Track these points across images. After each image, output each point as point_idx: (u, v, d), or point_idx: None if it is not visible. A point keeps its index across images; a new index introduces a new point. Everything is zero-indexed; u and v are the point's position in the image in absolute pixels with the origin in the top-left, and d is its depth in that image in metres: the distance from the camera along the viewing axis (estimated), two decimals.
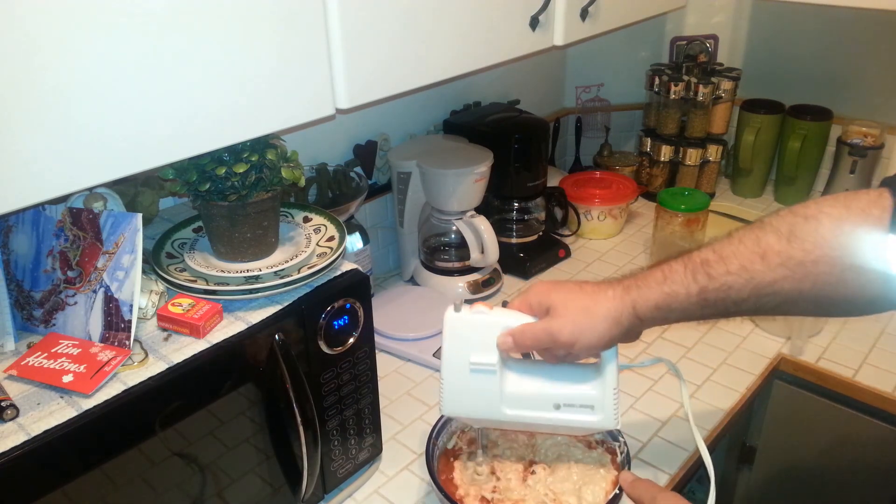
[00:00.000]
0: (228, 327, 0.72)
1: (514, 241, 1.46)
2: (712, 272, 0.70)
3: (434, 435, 0.89)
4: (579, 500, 0.82)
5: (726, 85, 1.63)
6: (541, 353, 0.79)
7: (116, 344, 0.68)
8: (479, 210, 1.32)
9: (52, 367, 0.65)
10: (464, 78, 1.40)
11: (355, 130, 1.31)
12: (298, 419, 0.76)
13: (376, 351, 0.88)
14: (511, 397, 0.79)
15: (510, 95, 1.61)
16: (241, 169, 0.74)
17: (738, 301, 0.69)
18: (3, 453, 0.56)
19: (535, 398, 0.80)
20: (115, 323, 0.68)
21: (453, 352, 0.79)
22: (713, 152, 1.69)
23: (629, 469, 0.83)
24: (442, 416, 0.90)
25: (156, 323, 0.73)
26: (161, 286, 0.76)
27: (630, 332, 0.75)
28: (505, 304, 0.81)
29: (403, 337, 1.19)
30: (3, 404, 0.59)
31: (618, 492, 0.81)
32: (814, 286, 0.66)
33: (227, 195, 0.75)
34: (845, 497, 1.24)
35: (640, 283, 0.73)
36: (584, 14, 1.05)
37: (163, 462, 0.67)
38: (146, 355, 0.68)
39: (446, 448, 0.90)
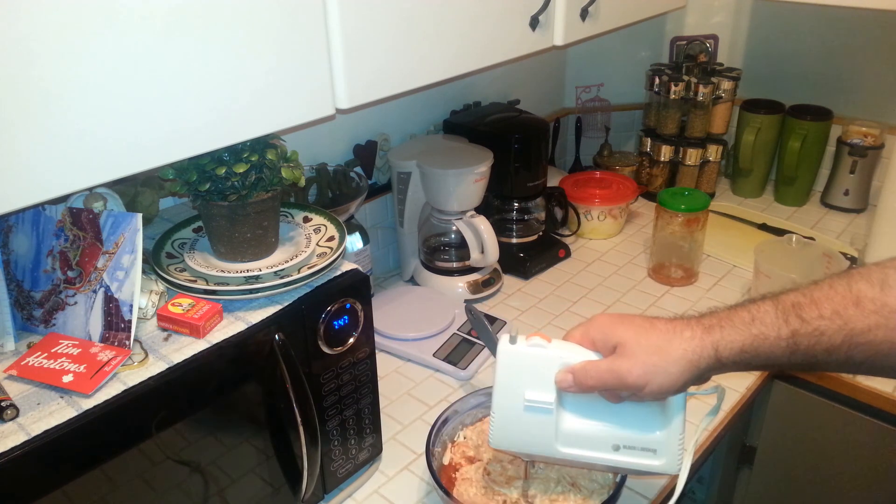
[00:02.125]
0: (228, 327, 0.72)
1: (514, 241, 1.46)
2: (805, 315, 0.66)
3: (431, 442, 0.88)
4: (591, 482, 0.82)
5: (726, 85, 1.63)
6: (602, 391, 0.73)
7: (116, 344, 0.68)
8: (479, 210, 1.32)
9: (52, 367, 0.65)
10: (464, 78, 1.40)
11: (355, 130, 1.31)
12: (298, 419, 0.76)
13: (376, 351, 0.88)
14: (567, 436, 0.74)
15: (510, 95, 1.61)
16: (241, 169, 0.74)
17: (830, 349, 0.65)
18: (3, 453, 0.56)
19: (592, 438, 0.74)
20: (115, 323, 0.68)
21: (507, 385, 0.73)
22: (713, 152, 1.69)
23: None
24: (438, 419, 0.90)
25: (156, 323, 0.73)
26: (161, 286, 0.76)
27: (704, 375, 0.70)
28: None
29: (403, 337, 1.19)
30: (3, 404, 0.59)
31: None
32: None
33: (227, 195, 0.75)
34: (845, 497, 1.24)
35: (723, 322, 0.68)
36: (584, 14, 1.05)
37: (163, 462, 0.67)
38: (146, 355, 0.68)
39: (443, 465, 0.88)
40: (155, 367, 0.66)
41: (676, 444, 0.73)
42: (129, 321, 0.68)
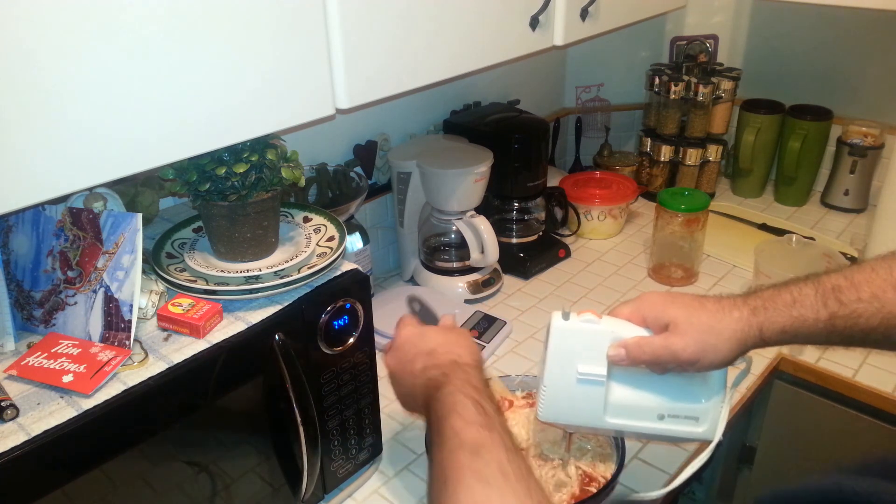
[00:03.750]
0: (228, 327, 0.72)
1: (514, 241, 1.46)
2: (843, 298, 0.69)
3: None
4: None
5: (726, 85, 1.63)
6: (650, 365, 0.76)
7: (116, 344, 0.68)
8: (479, 210, 1.32)
9: (52, 367, 0.65)
10: (464, 78, 1.40)
11: (355, 130, 1.31)
12: (298, 419, 0.76)
13: (376, 351, 0.88)
14: (615, 407, 0.78)
15: (510, 95, 1.61)
16: (241, 169, 0.74)
17: (867, 330, 0.69)
18: (3, 453, 0.56)
19: (639, 409, 0.78)
20: (115, 323, 0.68)
21: (559, 360, 0.76)
22: (713, 152, 1.69)
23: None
24: None
25: (156, 323, 0.73)
26: (161, 286, 0.76)
27: (747, 350, 0.74)
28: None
29: None
30: (3, 404, 0.59)
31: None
32: None
33: (227, 195, 0.75)
34: (845, 497, 1.24)
35: (767, 305, 0.72)
36: (584, 14, 1.05)
37: (163, 462, 0.67)
38: (146, 355, 0.68)
39: None
40: (155, 367, 0.66)
41: (718, 411, 0.77)
42: (129, 321, 0.68)
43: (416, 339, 0.80)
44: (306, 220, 0.89)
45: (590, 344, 0.75)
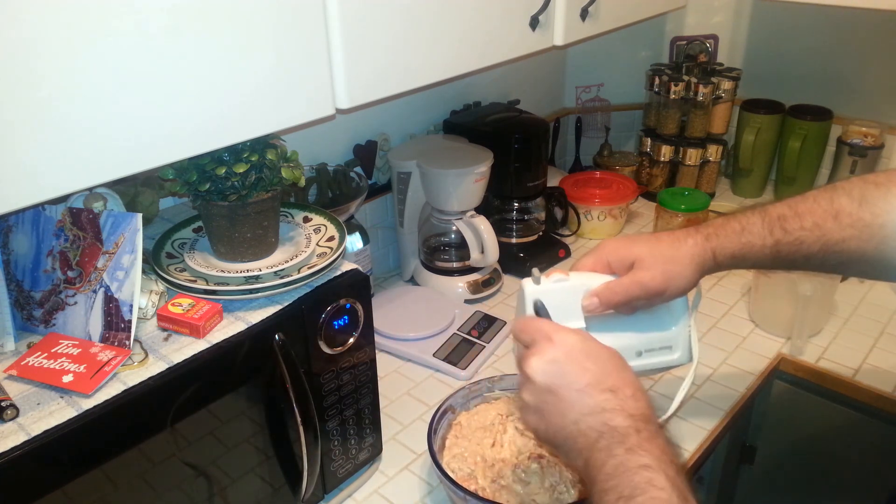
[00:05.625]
0: (228, 327, 0.72)
1: (514, 241, 1.46)
2: (788, 227, 0.75)
3: (433, 428, 0.88)
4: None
5: (726, 85, 1.63)
6: (621, 306, 0.80)
7: (116, 344, 0.68)
8: (479, 210, 1.32)
9: (52, 367, 0.65)
10: (464, 78, 1.40)
11: (355, 130, 1.31)
12: (298, 419, 0.76)
13: (376, 351, 0.88)
14: None
15: (510, 95, 1.61)
16: (241, 169, 0.74)
17: (808, 256, 0.75)
18: (3, 453, 0.56)
19: (619, 351, 0.81)
20: (115, 323, 0.68)
21: None
22: (713, 152, 1.69)
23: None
24: (437, 412, 0.90)
25: (156, 323, 0.73)
26: (161, 286, 0.76)
27: (705, 274, 0.80)
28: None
29: (403, 337, 1.19)
30: (3, 404, 0.59)
31: None
32: (877, 248, 0.73)
33: (227, 195, 0.75)
34: (845, 497, 1.24)
35: (718, 232, 0.79)
36: (584, 14, 1.05)
37: (163, 462, 0.67)
38: (146, 355, 0.68)
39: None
40: (155, 367, 0.66)
41: (686, 335, 0.83)
42: (129, 321, 0.68)
43: (586, 359, 0.63)
44: (306, 220, 0.89)
45: (564, 301, 0.78)
